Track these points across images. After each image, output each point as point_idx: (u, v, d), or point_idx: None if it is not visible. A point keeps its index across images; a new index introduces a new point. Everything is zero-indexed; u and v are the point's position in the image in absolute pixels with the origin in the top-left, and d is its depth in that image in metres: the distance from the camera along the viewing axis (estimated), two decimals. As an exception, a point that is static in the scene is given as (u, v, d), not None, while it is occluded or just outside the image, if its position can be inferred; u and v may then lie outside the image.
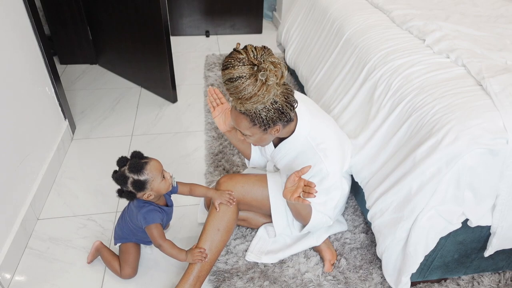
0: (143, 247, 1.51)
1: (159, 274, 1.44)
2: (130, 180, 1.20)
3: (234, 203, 1.34)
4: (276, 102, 1.08)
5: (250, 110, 1.07)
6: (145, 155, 1.28)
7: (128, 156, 1.25)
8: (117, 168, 1.25)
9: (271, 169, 1.51)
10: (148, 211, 1.26)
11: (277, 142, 1.33)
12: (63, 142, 2.00)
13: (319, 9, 2.11)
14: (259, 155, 1.51)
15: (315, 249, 1.52)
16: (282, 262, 1.48)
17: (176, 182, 1.36)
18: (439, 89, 1.22)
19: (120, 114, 2.36)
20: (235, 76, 0.99)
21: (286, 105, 1.10)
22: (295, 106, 1.15)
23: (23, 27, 1.68)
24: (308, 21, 2.24)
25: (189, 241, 1.56)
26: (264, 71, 0.99)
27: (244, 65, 0.99)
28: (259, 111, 1.07)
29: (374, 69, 1.47)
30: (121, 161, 1.23)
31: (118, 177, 1.21)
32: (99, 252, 1.44)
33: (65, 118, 2.07)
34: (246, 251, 1.51)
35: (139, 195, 1.23)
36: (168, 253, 1.28)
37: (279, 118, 1.11)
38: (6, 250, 1.38)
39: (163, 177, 1.24)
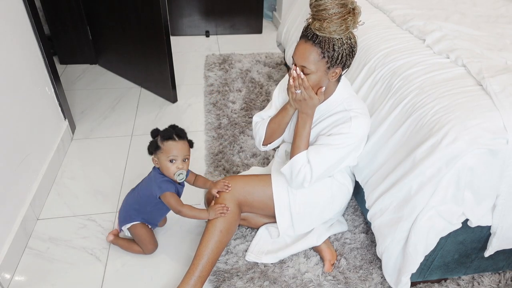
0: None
1: (160, 273, 1.44)
2: (155, 138, 1.31)
3: (229, 189, 1.36)
4: (350, 38, 1.12)
5: (326, 37, 1.09)
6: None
7: (180, 126, 1.35)
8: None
9: (282, 154, 1.49)
10: (163, 181, 1.32)
11: None
12: (63, 142, 2.00)
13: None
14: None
15: (315, 249, 1.52)
16: (282, 262, 1.48)
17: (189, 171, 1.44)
18: (439, 89, 1.22)
19: (120, 114, 2.36)
20: None
21: (355, 47, 1.14)
22: (355, 54, 1.18)
23: (23, 27, 1.68)
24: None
25: (190, 241, 1.57)
26: (354, 2, 1.07)
27: None
28: (334, 41, 1.10)
29: (374, 69, 1.47)
30: (171, 126, 1.34)
31: (155, 131, 1.33)
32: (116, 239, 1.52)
33: (65, 118, 2.07)
34: (246, 251, 1.51)
35: (153, 153, 1.32)
36: (189, 216, 1.34)
37: (347, 56, 1.14)
38: (6, 250, 1.38)
39: (172, 161, 1.29)
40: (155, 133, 1.32)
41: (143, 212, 1.41)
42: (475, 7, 1.92)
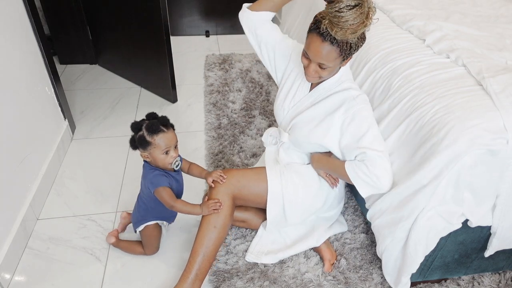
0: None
1: (159, 273, 1.44)
2: (140, 133, 1.25)
3: (224, 180, 1.35)
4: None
5: (344, 39, 1.09)
6: None
7: (159, 114, 1.32)
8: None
9: (269, 141, 1.50)
10: (154, 176, 1.30)
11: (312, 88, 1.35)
12: (63, 142, 2.00)
13: (319, 9, 2.10)
14: (281, 102, 1.44)
15: (315, 249, 1.52)
16: (282, 262, 1.48)
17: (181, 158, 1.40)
18: (439, 89, 1.22)
19: (120, 114, 2.36)
20: (352, 4, 1.02)
21: (364, 33, 1.14)
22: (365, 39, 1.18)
23: (23, 27, 1.68)
24: (308, 21, 2.23)
25: (189, 242, 1.57)
26: (370, 1, 1.05)
27: None
28: (351, 41, 1.11)
29: (374, 69, 1.47)
30: (151, 116, 1.31)
31: (136, 125, 1.28)
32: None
33: (65, 118, 2.07)
34: (246, 251, 1.51)
35: (140, 149, 1.29)
36: (182, 211, 1.33)
37: (359, 45, 1.14)
38: (5, 250, 1.38)
39: (167, 152, 1.27)
40: (137, 127, 1.26)
41: (152, 210, 1.39)
42: (475, 7, 1.92)
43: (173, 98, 2.48)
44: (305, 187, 1.39)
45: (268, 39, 1.38)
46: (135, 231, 1.43)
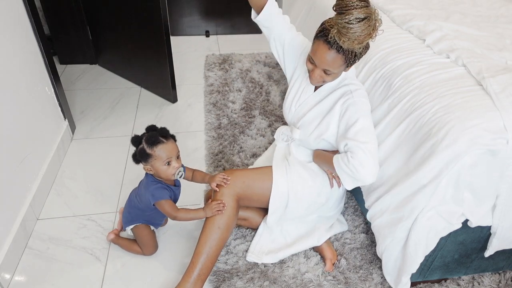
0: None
1: (160, 274, 1.44)
2: (140, 147, 1.25)
3: (229, 183, 1.35)
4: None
5: (350, 48, 1.12)
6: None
7: (158, 126, 1.32)
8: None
9: (278, 137, 1.53)
10: (156, 189, 1.30)
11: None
12: (63, 142, 2.00)
13: (319, 9, 2.10)
14: (289, 103, 1.47)
15: (316, 249, 1.52)
16: (282, 262, 1.48)
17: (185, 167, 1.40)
18: (439, 88, 1.22)
19: (120, 114, 2.36)
20: (361, 17, 1.04)
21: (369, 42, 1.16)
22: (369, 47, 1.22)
23: (23, 27, 1.68)
24: (308, 21, 2.24)
25: (191, 241, 1.57)
26: (377, 14, 1.07)
27: (367, 7, 1.06)
28: (356, 50, 1.14)
29: (374, 69, 1.47)
30: (150, 128, 1.30)
31: (136, 138, 1.27)
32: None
33: (64, 118, 2.07)
34: (246, 251, 1.51)
35: (142, 163, 1.29)
36: (186, 219, 1.34)
37: (364, 52, 1.18)
38: (5, 250, 1.38)
39: (168, 163, 1.26)
40: (137, 140, 1.26)
41: (146, 216, 1.41)
42: (475, 7, 1.92)
43: (173, 98, 2.48)
44: (311, 182, 1.41)
45: (280, 39, 1.41)
46: (124, 229, 1.45)
